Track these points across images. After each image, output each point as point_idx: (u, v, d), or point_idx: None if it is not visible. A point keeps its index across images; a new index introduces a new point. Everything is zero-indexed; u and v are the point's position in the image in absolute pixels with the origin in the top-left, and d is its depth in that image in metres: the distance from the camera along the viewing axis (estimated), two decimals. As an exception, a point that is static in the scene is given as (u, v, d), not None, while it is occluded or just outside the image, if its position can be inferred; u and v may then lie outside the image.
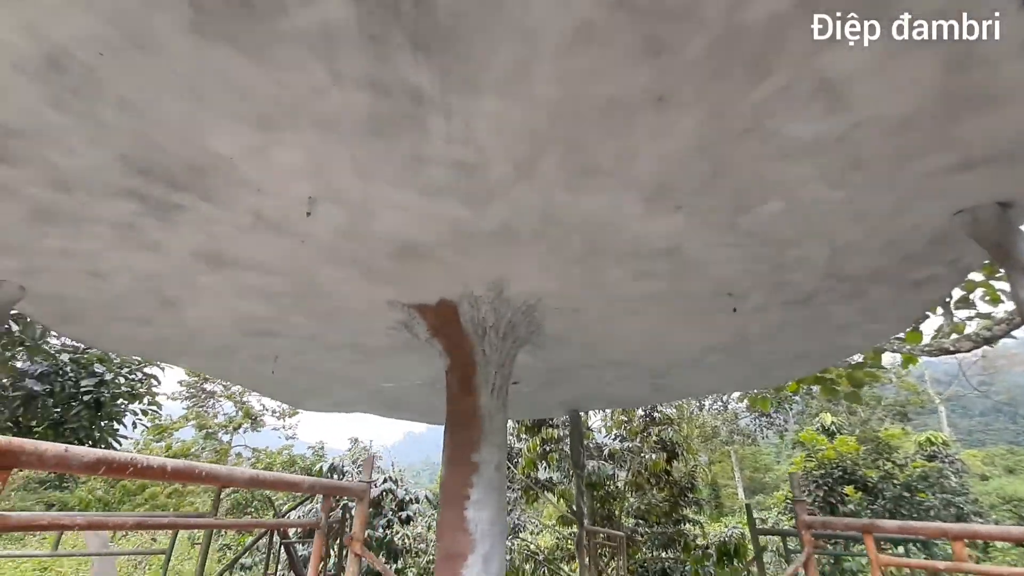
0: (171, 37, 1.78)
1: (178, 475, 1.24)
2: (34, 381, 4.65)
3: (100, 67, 1.89)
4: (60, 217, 2.77)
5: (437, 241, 3.11)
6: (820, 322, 4.20)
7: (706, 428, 35.39)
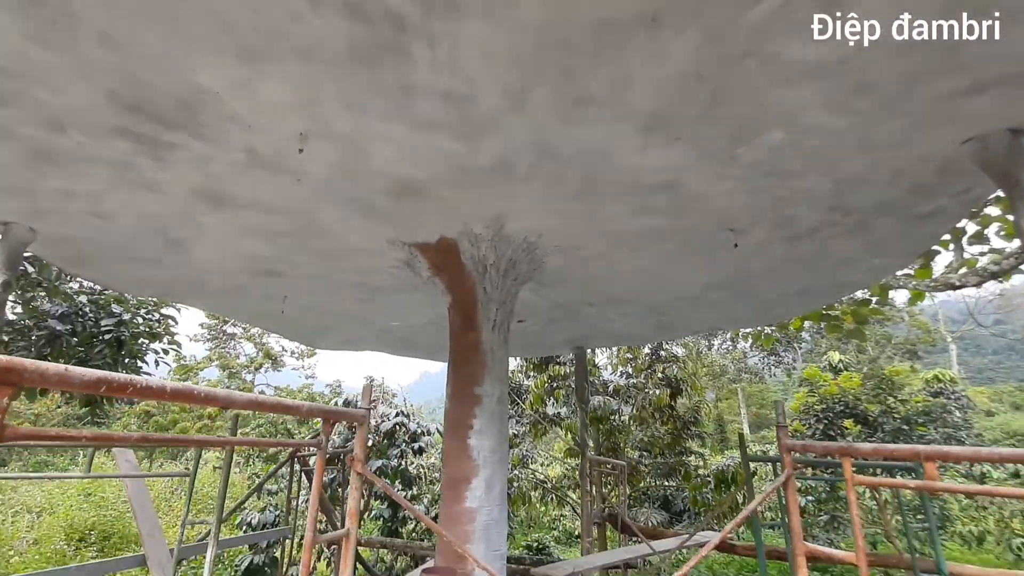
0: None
1: (177, 396, 1.32)
2: (56, 321, 4.84)
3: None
4: (58, 157, 2.79)
5: (433, 178, 3.09)
6: (823, 257, 4.16)
7: (714, 367, 35.97)
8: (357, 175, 3.06)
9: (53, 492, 11.25)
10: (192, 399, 1.38)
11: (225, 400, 1.49)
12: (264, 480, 6.08)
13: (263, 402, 1.57)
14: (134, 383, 1.25)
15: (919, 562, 4.20)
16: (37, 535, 8.58)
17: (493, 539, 3.62)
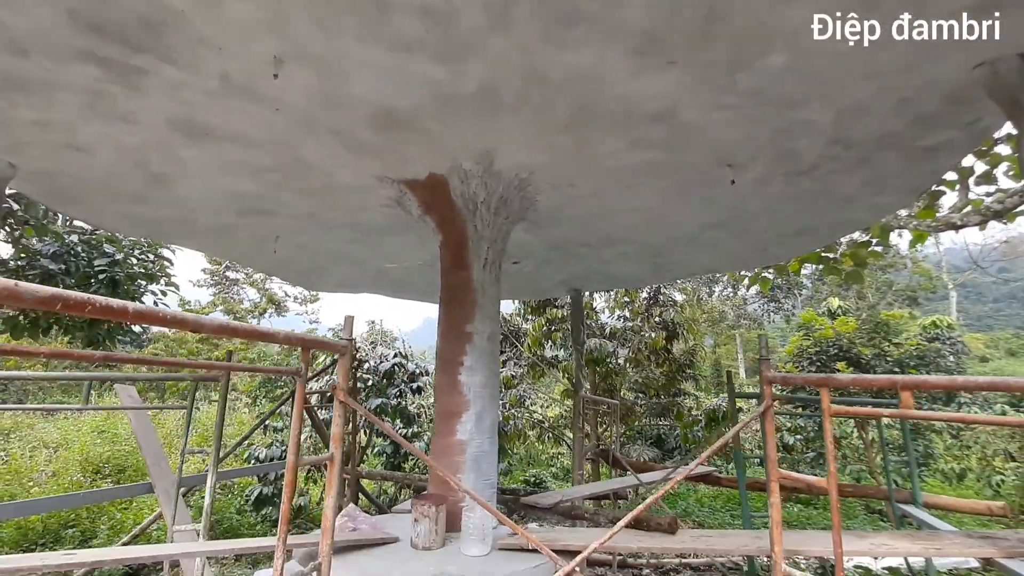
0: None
1: (140, 317, 1.31)
2: (48, 260, 4.84)
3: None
4: (26, 85, 2.67)
5: (416, 107, 2.97)
6: (823, 195, 4.06)
7: (713, 313, 36.24)
8: (337, 104, 2.94)
9: (68, 429, 11.67)
10: (157, 320, 1.36)
11: (194, 324, 1.48)
12: (267, 416, 6.27)
13: (236, 328, 1.56)
14: (92, 302, 1.23)
15: (896, 493, 4.38)
16: (55, 468, 8.96)
17: (483, 469, 3.75)
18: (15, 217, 4.35)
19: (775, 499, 2.37)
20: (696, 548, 3.03)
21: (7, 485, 7.98)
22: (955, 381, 1.77)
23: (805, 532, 3.49)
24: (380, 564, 2.96)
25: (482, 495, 3.72)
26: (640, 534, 3.31)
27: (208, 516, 3.28)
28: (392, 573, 2.83)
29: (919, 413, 1.89)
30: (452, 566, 2.94)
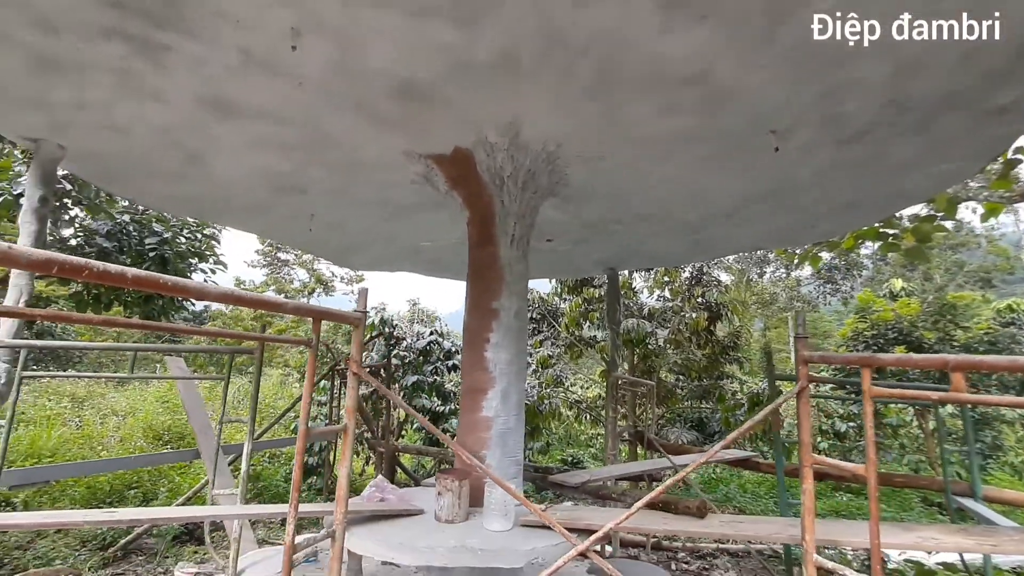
0: None
1: (140, 282, 1.32)
2: (103, 239, 5.13)
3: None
4: (61, 64, 2.77)
5: (435, 76, 2.89)
6: (877, 163, 3.73)
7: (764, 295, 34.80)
8: (357, 76, 2.90)
9: (135, 398, 12.56)
10: (158, 287, 1.37)
11: (197, 291, 1.48)
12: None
13: (241, 296, 1.56)
14: (90, 266, 1.24)
15: (954, 485, 4.07)
16: (122, 434, 9.67)
17: (509, 445, 3.73)
18: (70, 197, 4.63)
19: (807, 486, 2.22)
20: (725, 534, 2.91)
21: (80, 449, 8.67)
22: (1017, 362, 1.57)
23: (844, 522, 3.30)
24: (404, 534, 3.00)
25: (507, 471, 3.72)
26: (668, 517, 3.22)
27: (244, 482, 3.41)
28: (414, 543, 2.87)
29: (969, 396, 1.70)
30: (474, 539, 2.95)
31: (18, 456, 7.95)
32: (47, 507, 6.30)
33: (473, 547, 2.86)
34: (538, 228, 5.64)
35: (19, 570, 4.44)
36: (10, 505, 6.28)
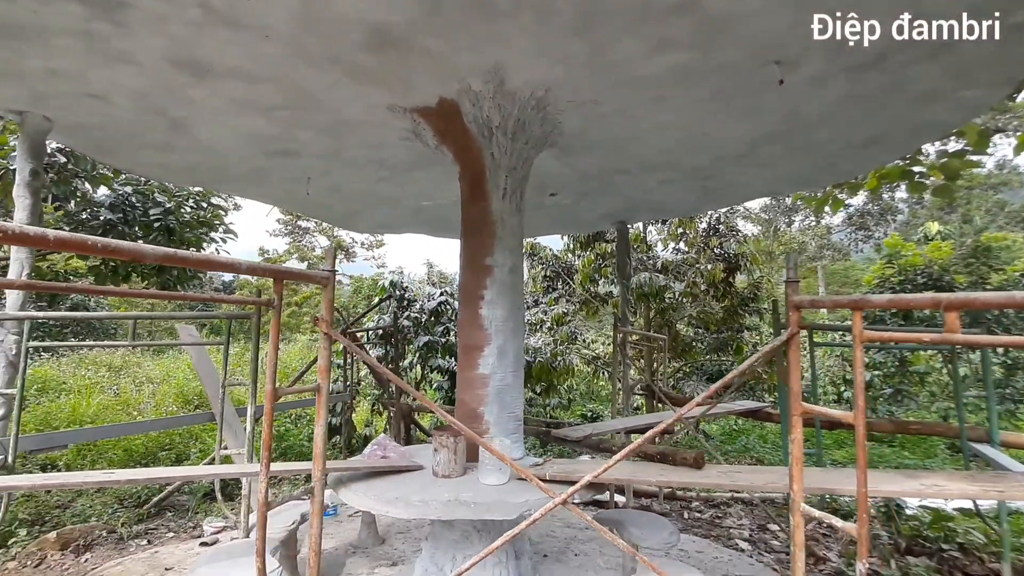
0: None
1: (63, 244, 1.28)
2: (107, 211, 5.20)
3: None
4: (23, 30, 2.71)
5: (407, 20, 2.73)
6: (895, 92, 3.44)
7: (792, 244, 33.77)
8: (325, 25, 2.76)
9: (169, 366, 13.09)
10: (86, 248, 1.33)
11: (131, 252, 1.44)
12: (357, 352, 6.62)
13: (185, 257, 1.51)
14: (7, 228, 1.21)
15: (970, 431, 3.93)
16: (156, 400, 10.13)
17: (507, 402, 3.73)
18: (66, 170, 4.67)
19: (796, 435, 2.14)
20: (719, 484, 2.87)
21: (117, 414, 9.13)
22: (1013, 298, 1.43)
23: (838, 470, 3.23)
24: (400, 489, 3.06)
25: (506, 427, 3.74)
26: (665, 468, 3.19)
27: (251, 442, 3.51)
28: (409, 498, 2.92)
29: (960, 337, 1.57)
30: (468, 493, 2.98)
31: (61, 422, 8.42)
32: (87, 468, 6.69)
33: (467, 500, 2.89)
34: (539, 182, 5.51)
35: (59, 527, 4.74)
36: (55, 467, 6.69)
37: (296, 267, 4.01)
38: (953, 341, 1.59)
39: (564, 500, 2.16)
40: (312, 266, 28.09)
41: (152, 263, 1.57)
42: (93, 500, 5.42)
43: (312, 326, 23.03)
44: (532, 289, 11.08)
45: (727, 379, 2.18)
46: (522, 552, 3.68)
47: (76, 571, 4.10)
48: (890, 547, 4.80)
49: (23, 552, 4.26)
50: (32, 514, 4.94)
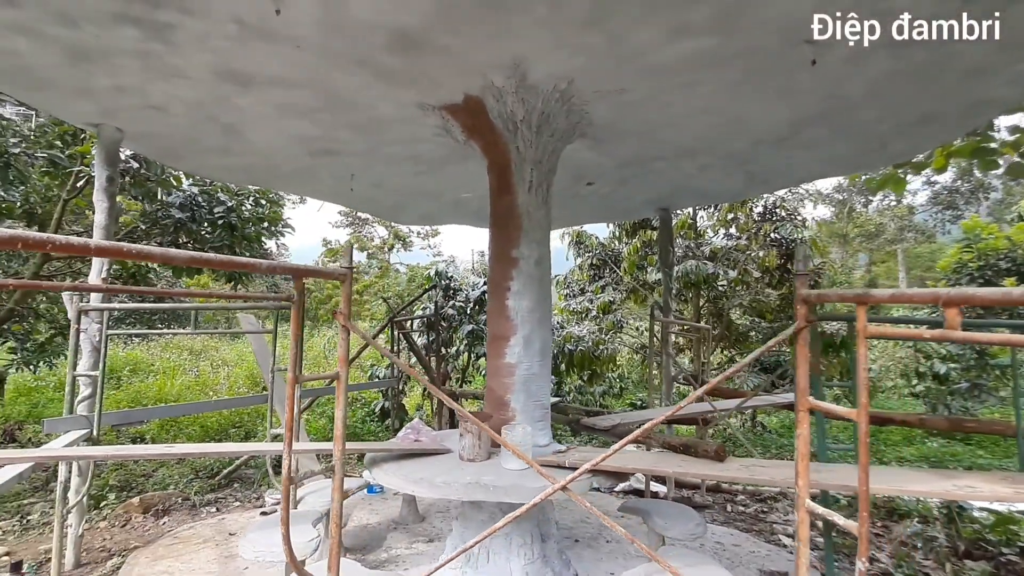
0: None
1: (103, 252, 1.49)
2: (176, 210, 5.72)
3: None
4: (89, 53, 3.05)
5: (423, 21, 2.84)
6: (943, 68, 3.18)
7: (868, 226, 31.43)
8: (348, 30, 2.91)
9: (243, 350, 14.15)
10: (122, 254, 1.53)
11: (161, 257, 1.64)
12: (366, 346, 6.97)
13: (209, 259, 1.70)
14: (53, 240, 1.41)
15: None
16: (230, 382, 11.03)
17: (533, 390, 3.82)
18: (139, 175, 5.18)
19: (802, 431, 2.10)
20: (735, 477, 2.84)
21: (196, 394, 10.03)
22: (1010, 295, 1.36)
23: (873, 469, 3.07)
24: (426, 471, 3.24)
25: (532, 414, 3.84)
26: (686, 459, 3.19)
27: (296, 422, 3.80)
28: (434, 479, 3.09)
29: (959, 334, 1.50)
30: (488, 476, 3.12)
31: (149, 400, 9.37)
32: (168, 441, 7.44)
33: (486, 483, 3.03)
34: (576, 172, 5.52)
35: (142, 493, 5.34)
36: (143, 440, 7.48)
37: (315, 266, 4.32)
38: (951, 337, 1.52)
39: (563, 486, 2.24)
40: (371, 255, 29.23)
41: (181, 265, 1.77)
42: (172, 471, 6.04)
43: (372, 314, 24.00)
44: (579, 278, 11.05)
45: (729, 373, 2.16)
46: (548, 535, 3.80)
47: (155, 532, 4.63)
48: (947, 550, 4.52)
49: (112, 514, 4.85)
50: (121, 481, 5.60)
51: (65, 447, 3.18)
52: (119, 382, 10.33)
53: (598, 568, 4.04)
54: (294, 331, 2.10)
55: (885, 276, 34.94)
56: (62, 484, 3.58)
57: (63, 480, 3.58)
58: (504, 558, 3.50)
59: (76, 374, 3.71)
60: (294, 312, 2.09)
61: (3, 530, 4.63)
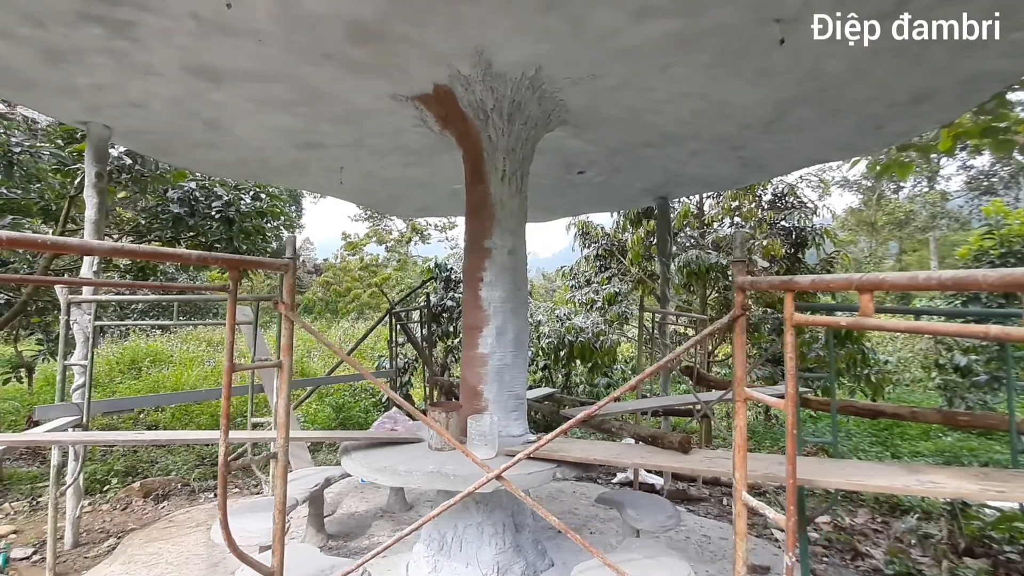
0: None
1: (14, 243, 1.53)
2: (175, 205, 5.88)
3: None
4: (62, 53, 3.13)
5: (377, 12, 2.83)
6: (929, 43, 3.01)
7: (897, 213, 30.28)
8: (307, 23, 2.92)
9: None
10: (36, 246, 1.58)
11: (80, 248, 1.69)
12: (367, 334, 7.09)
13: (132, 250, 1.76)
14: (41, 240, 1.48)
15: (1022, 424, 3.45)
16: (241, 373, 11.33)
17: (506, 380, 3.82)
18: (133, 172, 5.34)
19: (739, 421, 2.05)
20: (695, 469, 2.79)
21: (211, 384, 10.34)
22: (916, 279, 1.29)
23: (834, 462, 2.96)
24: (393, 459, 3.27)
25: (506, 405, 3.84)
26: (651, 450, 3.15)
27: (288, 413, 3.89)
28: (396, 468, 3.12)
29: (872, 322, 1.43)
30: (451, 465, 3.13)
31: (166, 389, 9.69)
32: (180, 428, 7.69)
33: (447, 473, 3.04)
34: (565, 160, 5.46)
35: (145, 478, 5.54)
36: (158, 427, 7.76)
37: (253, 258, 4.29)
38: (863, 325, 1.45)
39: (498, 475, 2.24)
40: (390, 248, 29.55)
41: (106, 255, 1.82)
42: (177, 457, 6.25)
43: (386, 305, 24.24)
44: (585, 268, 10.96)
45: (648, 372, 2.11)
46: (523, 525, 3.80)
47: (153, 515, 4.81)
48: (945, 547, 4.37)
49: (114, 498, 5.06)
50: (126, 466, 5.82)
51: (47, 432, 3.32)
52: (139, 372, 10.71)
53: (576, 559, 4.02)
54: (229, 321, 2.14)
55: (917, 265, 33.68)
56: (55, 468, 3.74)
57: (56, 464, 3.74)
58: (475, 547, 3.53)
59: (67, 363, 3.87)
60: (230, 303, 2.12)
61: (15, 510, 4.87)
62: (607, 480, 6.46)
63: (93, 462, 5.66)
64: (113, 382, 9.80)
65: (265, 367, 2.37)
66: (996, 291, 1.22)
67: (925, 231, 30.36)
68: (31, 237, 1.54)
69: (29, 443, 3.39)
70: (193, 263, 2.00)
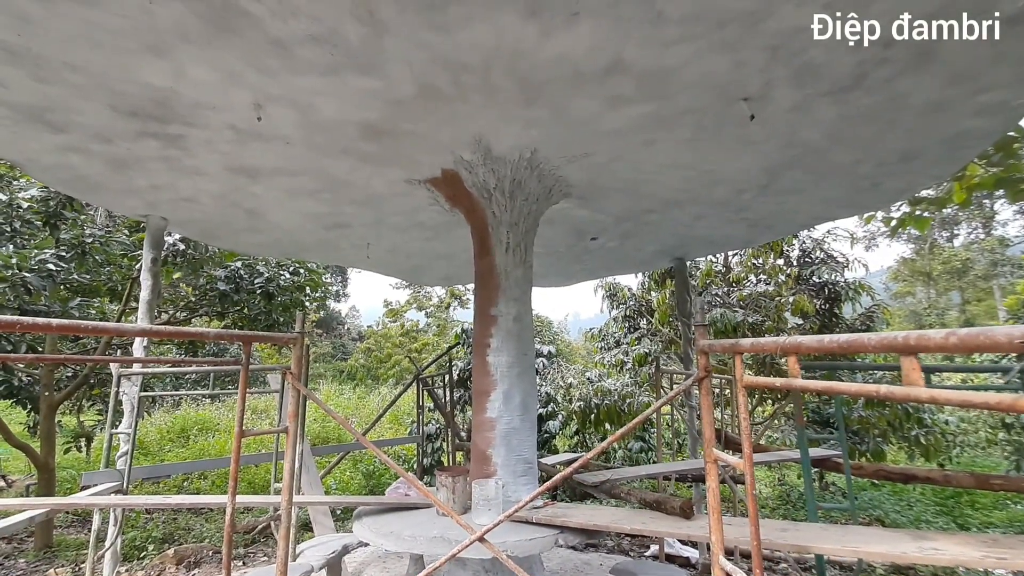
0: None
1: (64, 328, 1.85)
2: (222, 283, 6.45)
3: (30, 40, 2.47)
4: (126, 162, 3.71)
5: (383, 115, 3.25)
6: (895, 108, 3.17)
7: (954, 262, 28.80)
8: (324, 127, 3.38)
9: (301, 410, 14.90)
10: (80, 330, 1.90)
11: (115, 330, 2.01)
12: (394, 400, 7.29)
13: (158, 331, 2.05)
14: (20, 322, 1.80)
15: None
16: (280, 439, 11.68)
17: (514, 444, 3.89)
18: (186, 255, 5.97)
19: (711, 483, 2.09)
20: (696, 535, 2.75)
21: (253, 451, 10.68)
22: (821, 341, 1.40)
23: (781, 523, 2.82)
24: (400, 523, 3.37)
25: (515, 469, 3.90)
26: (654, 516, 3.12)
27: (297, 477, 4.08)
28: (402, 532, 3.21)
29: (800, 383, 1.53)
30: (455, 531, 3.19)
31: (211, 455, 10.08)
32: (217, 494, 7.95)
33: (450, 538, 3.10)
34: (577, 228, 5.73)
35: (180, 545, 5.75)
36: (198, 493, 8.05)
37: (265, 333, 4.50)
38: (794, 387, 1.54)
39: (480, 537, 2.31)
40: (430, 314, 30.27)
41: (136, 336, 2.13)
42: (211, 524, 6.46)
43: (429, 371, 24.48)
44: (613, 329, 10.96)
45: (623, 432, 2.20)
46: (536, 596, 3.74)
47: (184, 582, 4.97)
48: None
49: (149, 564, 5.27)
50: (164, 533, 6.06)
51: (86, 496, 3.62)
52: (187, 440, 11.20)
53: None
54: (241, 391, 2.39)
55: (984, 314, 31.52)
56: (95, 533, 4.01)
57: (95, 529, 4.01)
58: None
59: (113, 432, 4.23)
60: (242, 374, 2.38)
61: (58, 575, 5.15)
62: (640, 552, 6.19)
63: (133, 528, 5.94)
64: (163, 450, 10.30)
65: (271, 432, 2.58)
66: (881, 352, 1.30)
67: (987, 279, 28.65)
68: (75, 324, 1.86)
69: (68, 506, 3.68)
70: (211, 339, 2.30)
